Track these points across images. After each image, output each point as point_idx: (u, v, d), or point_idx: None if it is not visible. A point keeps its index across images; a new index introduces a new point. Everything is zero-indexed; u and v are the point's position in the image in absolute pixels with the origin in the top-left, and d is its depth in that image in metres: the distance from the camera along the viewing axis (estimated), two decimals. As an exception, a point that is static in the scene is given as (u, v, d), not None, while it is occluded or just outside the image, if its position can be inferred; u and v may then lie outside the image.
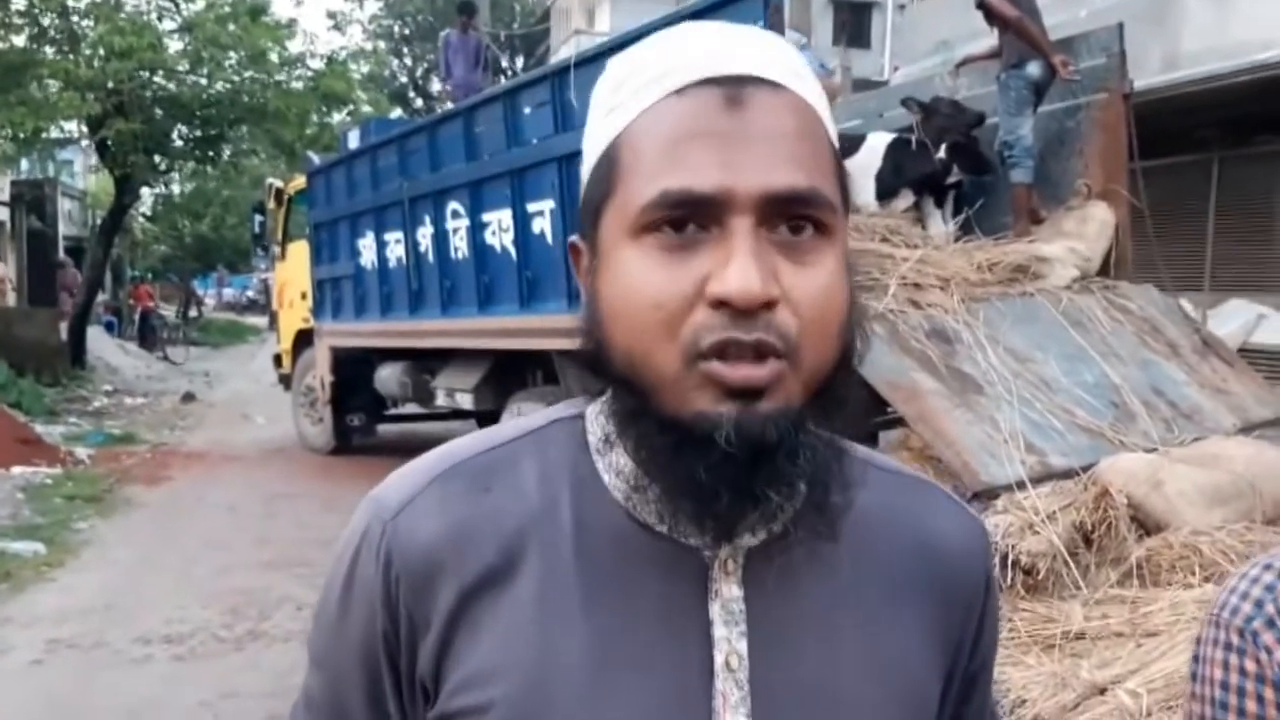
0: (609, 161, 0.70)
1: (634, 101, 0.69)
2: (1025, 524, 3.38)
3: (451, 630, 0.71)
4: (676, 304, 0.65)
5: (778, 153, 0.66)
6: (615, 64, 0.73)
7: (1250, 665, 0.84)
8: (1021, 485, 3.57)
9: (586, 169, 0.74)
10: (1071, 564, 3.37)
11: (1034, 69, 5.56)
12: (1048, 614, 3.27)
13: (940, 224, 5.78)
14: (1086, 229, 5.42)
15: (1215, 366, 5.00)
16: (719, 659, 0.70)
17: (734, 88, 0.66)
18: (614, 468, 0.74)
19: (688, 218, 0.65)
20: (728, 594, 0.71)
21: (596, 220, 0.71)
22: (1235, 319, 8.45)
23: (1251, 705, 0.84)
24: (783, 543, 0.71)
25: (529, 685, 0.70)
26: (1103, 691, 2.93)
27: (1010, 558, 3.29)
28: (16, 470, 8.58)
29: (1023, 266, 5.10)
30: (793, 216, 0.66)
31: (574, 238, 0.76)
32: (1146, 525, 3.69)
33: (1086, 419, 4.12)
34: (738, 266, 0.63)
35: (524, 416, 0.82)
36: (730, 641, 0.71)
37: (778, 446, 0.65)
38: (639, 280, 0.66)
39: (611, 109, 0.71)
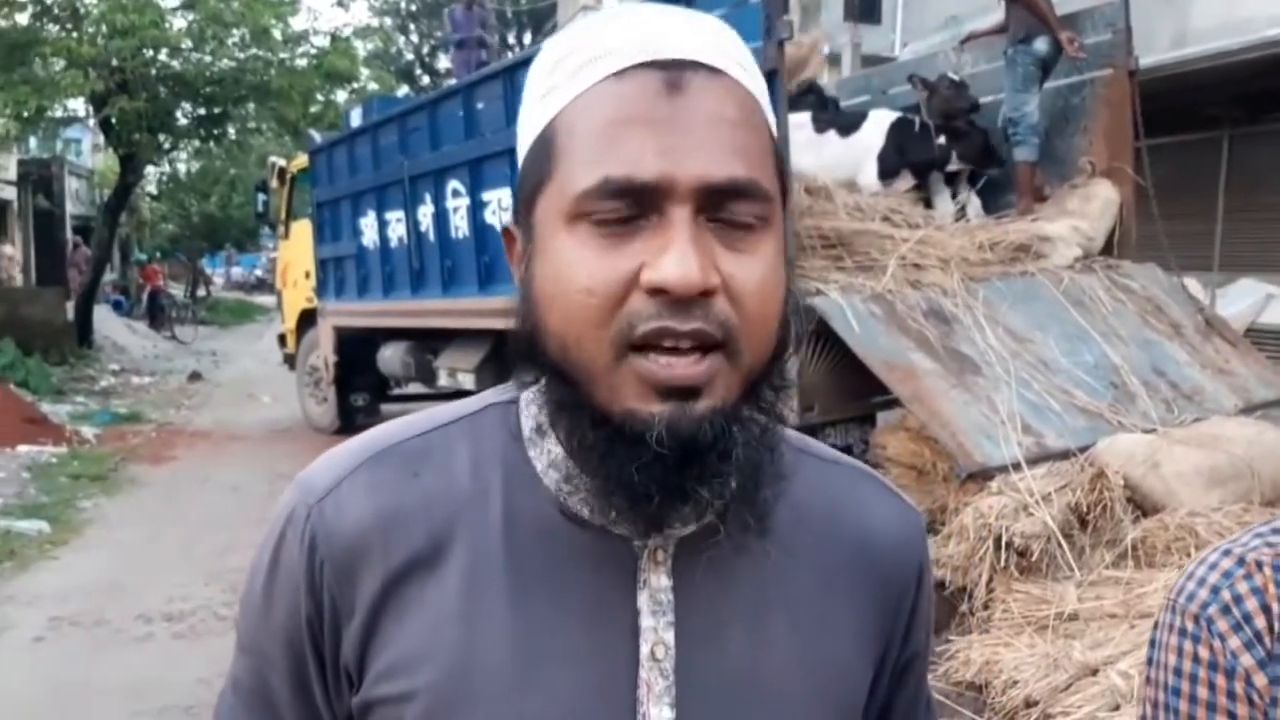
0: (545, 145, 0.68)
1: (570, 84, 0.67)
2: (1020, 505, 3.36)
3: (376, 617, 0.70)
4: (610, 290, 0.64)
5: (718, 141, 0.65)
6: (550, 45, 0.72)
7: (1204, 652, 0.84)
8: (1017, 466, 3.56)
9: (521, 153, 0.72)
10: (1066, 545, 3.35)
11: (1041, 45, 5.50)
12: (1041, 595, 3.26)
13: (947, 202, 5.73)
14: (1090, 207, 5.38)
15: (1218, 347, 4.96)
16: (644, 649, 0.70)
17: (674, 72, 0.65)
18: (546, 456, 0.73)
19: (625, 205, 0.64)
20: (656, 584, 0.71)
21: (531, 205, 0.69)
22: (1244, 299, 8.39)
23: (1203, 692, 0.84)
24: (713, 534, 0.70)
25: (452, 674, 0.69)
26: (1095, 672, 2.93)
27: (1004, 539, 3.28)
28: (23, 449, 8.63)
29: (1025, 246, 5.06)
30: (732, 206, 0.65)
31: (507, 223, 0.75)
32: (1143, 506, 3.67)
33: (1085, 400, 4.10)
34: (676, 254, 0.62)
35: (458, 401, 0.80)
36: (657, 631, 0.70)
37: (711, 446, 0.64)
38: (573, 266, 0.65)
39: (547, 91, 0.69)
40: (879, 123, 5.80)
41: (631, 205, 0.64)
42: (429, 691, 0.69)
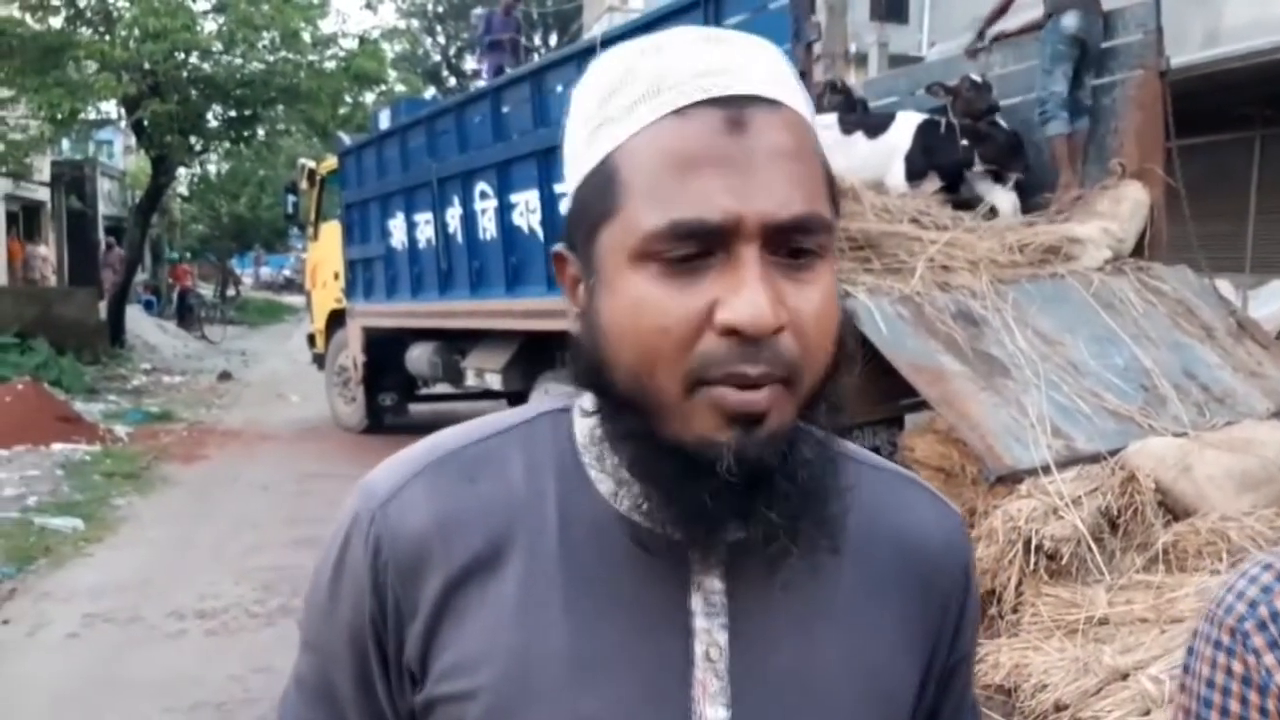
0: (605, 180, 0.69)
1: (629, 119, 0.69)
2: (1049, 509, 3.35)
3: (438, 618, 0.73)
4: (684, 329, 0.65)
5: (781, 177, 0.66)
6: (600, 71, 0.73)
7: (1238, 666, 0.84)
8: (1047, 469, 3.54)
9: (574, 179, 0.73)
10: (1095, 549, 3.34)
11: (1070, 20, 5.43)
12: (1071, 599, 3.25)
13: (1007, 199, 5.65)
14: (1120, 209, 5.33)
15: (1250, 349, 4.91)
16: (699, 650, 0.72)
17: (736, 109, 0.66)
18: (599, 463, 0.75)
19: (694, 246, 0.66)
20: (710, 586, 0.73)
21: (592, 237, 0.70)
22: (1276, 300, 8.28)
23: (1235, 706, 0.84)
24: (765, 538, 0.71)
25: (511, 674, 0.71)
26: (1125, 677, 2.91)
27: (1034, 542, 3.26)
28: (57, 447, 8.76)
29: (1054, 247, 5.03)
30: (794, 240, 0.67)
31: (559, 247, 0.76)
32: (1174, 510, 3.65)
33: (1115, 403, 4.07)
34: (749, 295, 0.64)
35: (512, 409, 0.83)
36: (711, 633, 0.72)
37: (775, 469, 0.66)
38: (645, 304, 0.66)
39: (602, 122, 0.70)
40: (906, 124, 5.78)
41: (700, 245, 0.65)
42: (489, 691, 0.71)
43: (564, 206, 0.75)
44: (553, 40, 30.84)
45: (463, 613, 0.73)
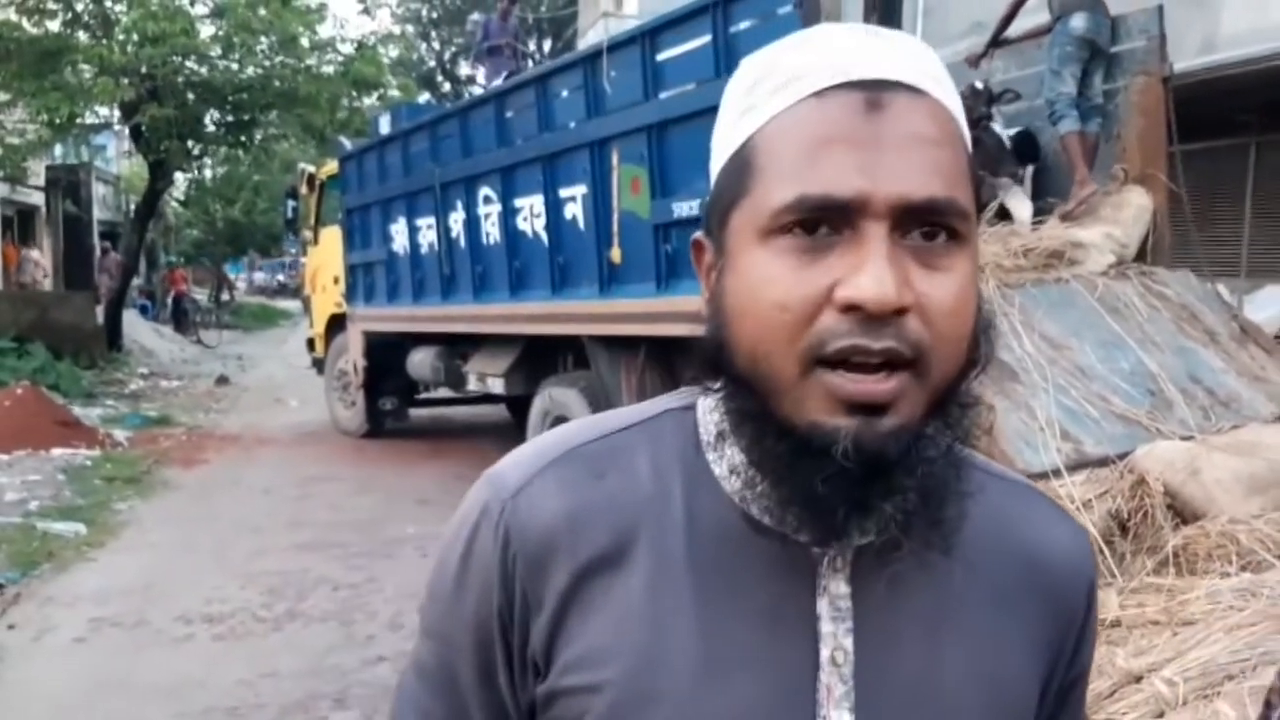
0: (742, 163, 0.69)
1: (769, 103, 0.68)
2: (1061, 512, 3.36)
3: (564, 610, 0.73)
4: (803, 306, 0.64)
5: (916, 160, 0.65)
6: (749, 64, 0.73)
7: None
8: (1057, 473, 3.56)
9: (716, 168, 0.74)
10: (1107, 552, 3.35)
11: (1078, 22, 5.44)
12: (1083, 602, 3.26)
13: (1023, 200, 5.65)
14: (1123, 214, 5.36)
15: (1253, 354, 4.94)
16: (824, 654, 0.71)
17: (874, 92, 0.66)
18: (726, 462, 0.74)
19: (821, 220, 0.65)
20: (835, 590, 0.72)
21: (725, 220, 0.70)
22: (1271, 305, 8.31)
23: None
24: (893, 544, 0.70)
25: (638, 670, 0.71)
26: (1138, 679, 2.93)
27: (1046, 545, 3.28)
28: (57, 452, 8.75)
29: (1058, 252, 5.05)
30: (927, 224, 0.66)
31: (698, 234, 0.77)
32: (1183, 514, 3.67)
33: (1123, 406, 4.09)
34: (872, 271, 0.63)
35: (633, 406, 0.82)
36: (836, 637, 0.72)
37: (896, 462, 0.65)
38: (767, 281, 0.66)
39: (746, 110, 0.70)
40: None
41: (827, 222, 0.65)
42: (615, 685, 0.71)
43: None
44: (547, 46, 30.86)
45: (588, 607, 0.72)
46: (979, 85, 5.78)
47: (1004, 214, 5.59)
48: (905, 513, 0.67)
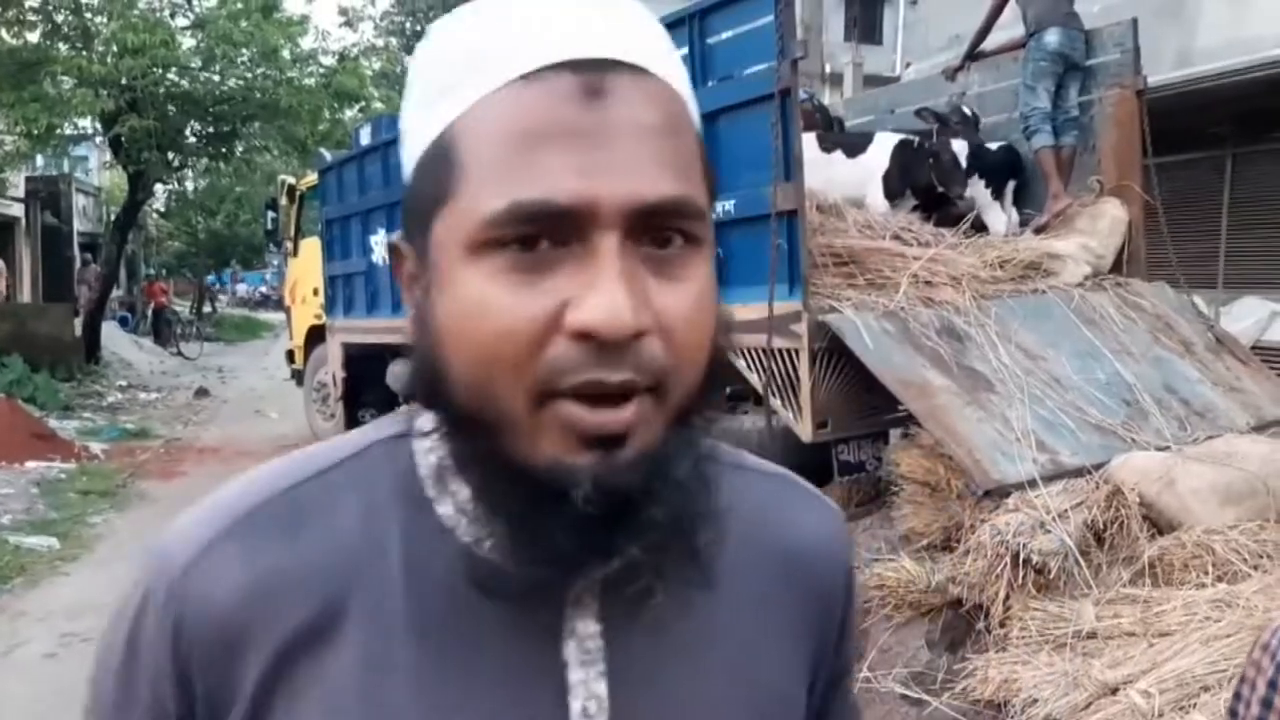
0: (440, 158, 0.59)
1: (469, 85, 0.59)
2: (1036, 522, 3.36)
3: (266, 700, 0.61)
4: (529, 334, 0.56)
5: (646, 154, 0.57)
6: (439, 33, 0.63)
7: None
8: (1033, 483, 3.56)
9: (409, 159, 0.63)
10: (1083, 563, 3.35)
11: (1052, 37, 5.49)
12: (1059, 613, 3.26)
13: (1000, 215, 5.68)
14: (1099, 226, 5.39)
15: (1229, 364, 4.97)
16: (575, 706, 0.63)
17: (594, 74, 0.57)
18: (451, 499, 0.65)
19: (541, 233, 0.56)
20: (584, 631, 0.64)
21: (426, 226, 0.61)
22: (1248, 317, 8.39)
23: None
24: (640, 569, 0.62)
25: None
26: (1114, 691, 2.93)
27: (1021, 556, 3.28)
28: (31, 465, 8.66)
29: (1035, 264, 5.07)
30: (662, 229, 0.58)
31: (395, 237, 0.67)
32: (1159, 524, 3.67)
33: (1099, 417, 4.10)
34: (605, 291, 0.55)
35: (338, 438, 0.71)
36: (587, 685, 0.64)
37: (642, 494, 0.58)
38: (483, 305, 0.57)
39: (443, 90, 0.60)
40: (883, 145, 5.82)
41: (549, 233, 0.56)
42: None
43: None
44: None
45: (294, 694, 0.61)
46: (968, 112, 5.80)
47: (981, 226, 5.61)
48: (658, 550, 0.59)
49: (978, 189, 5.65)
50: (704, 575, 0.62)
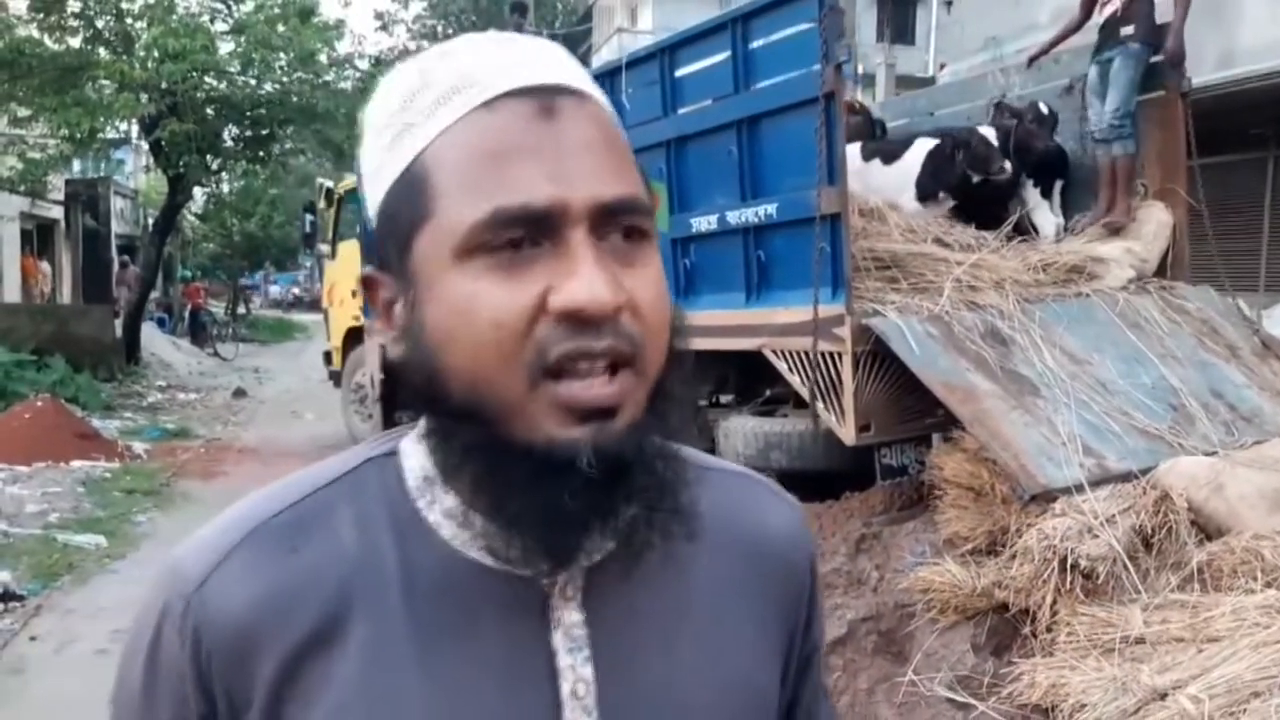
0: (414, 185, 0.66)
1: (433, 118, 0.66)
2: (1084, 527, 3.36)
3: (278, 703, 0.67)
4: (518, 319, 0.63)
5: (597, 162, 0.65)
6: (393, 81, 0.70)
7: None
8: (1080, 488, 3.55)
9: (376, 196, 0.70)
10: (1131, 568, 3.34)
11: (1140, 47, 5.41)
12: (1107, 618, 3.25)
13: (1049, 216, 5.66)
14: (1143, 229, 5.36)
15: (1275, 368, 4.92)
16: (565, 689, 0.69)
17: (546, 98, 0.66)
18: (439, 508, 0.71)
19: (522, 235, 0.64)
20: (569, 620, 0.70)
21: (407, 247, 0.67)
22: (1293, 319, 8.28)
23: None
24: (620, 556, 0.70)
25: None
26: (1164, 697, 2.91)
27: (1069, 561, 3.27)
28: (76, 464, 8.79)
29: (1078, 267, 5.06)
30: (621, 224, 0.66)
31: (368, 270, 0.72)
32: (1207, 530, 3.65)
33: (1145, 422, 4.08)
34: (585, 275, 0.62)
35: (332, 458, 0.77)
36: (575, 669, 0.70)
37: (633, 462, 0.65)
38: (474, 300, 0.63)
39: (403, 129, 0.68)
40: (918, 151, 5.83)
41: (526, 234, 0.63)
42: None
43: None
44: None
45: (306, 695, 0.67)
46: (1044, 110, 5.76)
47: (1023, 229, 5.59)
48: (650, 509, 0.67)
49: (1027, 188, 5.63)
50: (690, 529, 0.69)
